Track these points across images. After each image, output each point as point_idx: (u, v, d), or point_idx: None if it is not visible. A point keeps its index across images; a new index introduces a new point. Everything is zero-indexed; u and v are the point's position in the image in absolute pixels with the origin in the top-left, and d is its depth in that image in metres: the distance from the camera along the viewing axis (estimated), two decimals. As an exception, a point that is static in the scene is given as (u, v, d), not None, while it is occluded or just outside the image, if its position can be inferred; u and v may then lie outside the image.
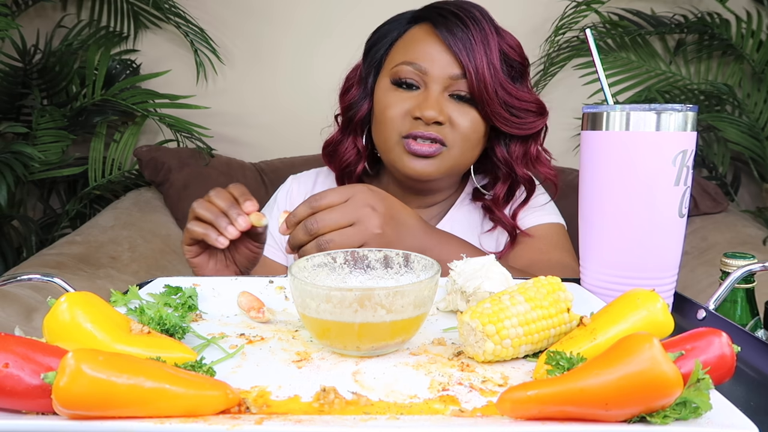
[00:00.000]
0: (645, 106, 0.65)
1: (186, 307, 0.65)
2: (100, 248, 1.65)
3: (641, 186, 0.66)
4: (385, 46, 1.05)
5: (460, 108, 0.98)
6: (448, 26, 0.97)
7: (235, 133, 2.23)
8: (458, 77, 0.97)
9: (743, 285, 0.83)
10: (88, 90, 2.09)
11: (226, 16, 2.19)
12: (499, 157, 1.05)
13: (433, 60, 0.97)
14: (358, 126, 1.08)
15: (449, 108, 0.98)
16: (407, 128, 0.98)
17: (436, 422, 0.44)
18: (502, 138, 1.04)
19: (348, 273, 0.66)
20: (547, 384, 0.42)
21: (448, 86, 0.98)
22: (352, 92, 1.08)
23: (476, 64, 0.95)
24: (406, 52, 1.00)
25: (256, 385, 0.49)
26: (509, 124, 1.00)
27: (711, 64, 2.21)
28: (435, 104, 0.96)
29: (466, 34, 0.96)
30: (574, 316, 0.57)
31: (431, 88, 0.97)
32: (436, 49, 0.97)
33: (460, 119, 0.98)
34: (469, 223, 1.12)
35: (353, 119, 1.07)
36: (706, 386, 0.40)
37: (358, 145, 1.08)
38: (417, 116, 0.96)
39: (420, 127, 0.97)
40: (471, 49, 0.96)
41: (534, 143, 1.05)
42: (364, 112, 1.06)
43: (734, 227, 1.77)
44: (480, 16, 0.98)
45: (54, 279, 0.71)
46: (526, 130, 1.02)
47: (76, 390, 0.39)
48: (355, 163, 1.09)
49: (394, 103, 0.99)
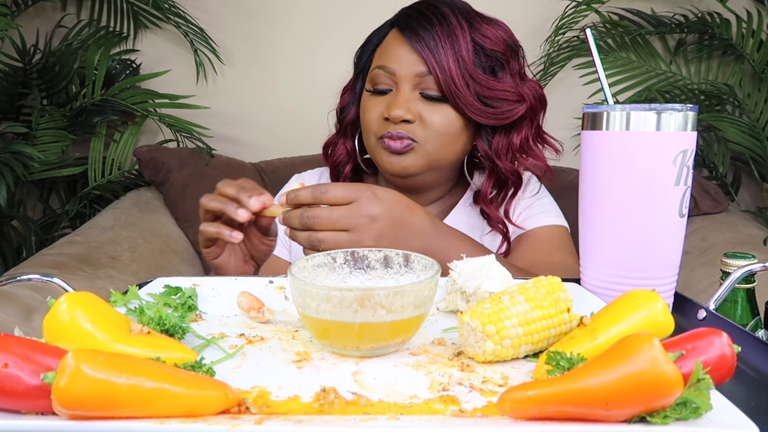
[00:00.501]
0: (645, 106, 0.65)
1: (186, 308, 0.65)
2: (100, 248, 1.65)
3: (641, 186, 0.66)
4: (369, 53, 1.10)
5: (432, 106, 1.00)
6: (411, 26, 1.00)
7: (235, 133, 2.23)
8: (425, 74, 0.98)
9: (743, 285, 0.83)
10: (88, 90, 2.09)
11: (226, 16, 2.19)
12: (481, 152, 1.05)
13: (399, 61, 1.00)
14: (348, 129, 1.12)
15: (419, 106, 1.00)
16: (381, 130, 1.02)
17: (436, 422, 0.44)
18: (484, 132, 1.04)
19: (348, 273, 0.66)
20: (547, 384, 0.42)
21: (417, 84, 1.00)
22: (344, 96, 1.14)
23: (441, 60, 0.97)
24: (380, 56, 1.05)
25: (255, 386, 0.49)
26: (485, 115, 1.00)
27: (711, 64, 2.21)
28: (402, 103, 0.98)
29: (429, 31, 0.98)
30: (574, 316, 0.56)
31: (401, 88, 1.00)
32: (402, 50, 1.00)
33: (430, 116, 0.99)
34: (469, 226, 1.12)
35: (344, 121, 1.13)
36: (707, 386, 0.40)
37: (347, 146, 1.13)
38: (386, 117, 1.00)
39: (390, 127, 1.00)
40: (434, 46, 0.97)
41: (517, 134, 1.04)
42: (353, 116, 1.11)
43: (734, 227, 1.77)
44: (448, 11, 1.00)
45: (54, 279, 0.71)
46: (503, 119, 1.01)
47: (75, 390, 0.39)
48: (345, 163, 1.13)
49: (371, 107, 1.03)
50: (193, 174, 1.93)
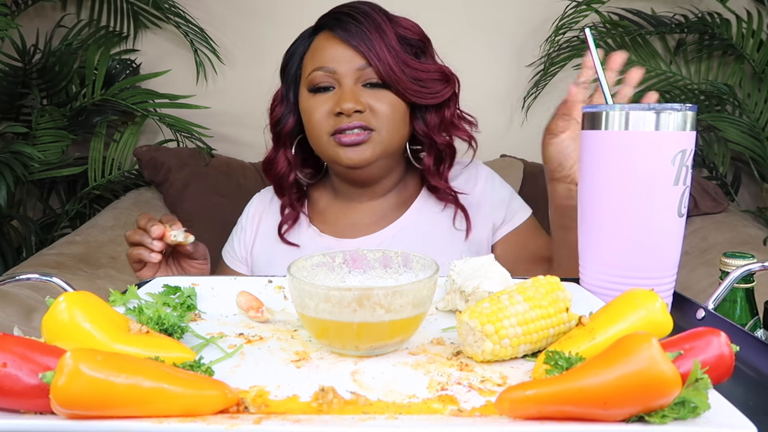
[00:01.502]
0: (644, 106, 0.65)
1: (185, 307, 0.65)
2: (100, 248, 1.65)
3: (640, 186, 0.66)
4: (297, 62, 1.15)
5: (375, 93, 1.05)
6: (343, 26, 1.06)
7: (235, 133, 2.23)
8: (364, 67, 1.04)
9: (743, 285, 0.83)
10: (88, 90, 2.09)
11: (227, 16, 2.19)
12: (419, 131, 1.12)
13: (338, 59, 1.05)
14: (287, 139, 1.16)
15: (365, 96, 1.05)
16: (332, 125, 1.05)
17: (434, 422, 0.44)
18: (418, 113, 1.11)
19: (347, 272, 0.66)
20: (545, 384, 0.42)
21: (359, 77, 1.05)
22: (277, 110, 1.18)
23: (377, 51, 1.04)
24: (314, 60, 1.09)
25: (254, 385, 0.49)
26: (422, 96, 1.07)
27: (711, 64, 2.20)
28: (351, 96, 1.03)
29: (360, 28, 1.05)
30: (573, 315, 0.57)
31: (344, 83, 1.05)
32: (338, 50, 1.06)
33: (377, 104, 1.05)
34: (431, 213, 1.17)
35: (282, 133, 1.16)
36: (705, 386, 0.40)
37: (288, 156, 1.16)
38: (338, 111, 1.03)
39: (343, 120, 1.04)
40: (368, 40, 1.04)
41: (447, 110, 1.12)
42: (291, 124, 1.15)
43: (734, 227, 1.77)
44: (370, 9, 1.07)
45: (53, 279, 0.71)
46: (438, 98, 1.09)
47: (74, 390, 0.39)
48: (287, 173, 1.16)
49: (316, 107, 1.07)
50: (193, 174, 1.93)
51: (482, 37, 2.18)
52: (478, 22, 2.14)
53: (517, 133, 2.19)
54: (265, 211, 1.23)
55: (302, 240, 1.15)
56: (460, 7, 2.12)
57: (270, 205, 1.23)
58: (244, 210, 1.27)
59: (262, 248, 1.19)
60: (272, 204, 1.23)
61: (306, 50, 1.13)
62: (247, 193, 1.29)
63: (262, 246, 1.20)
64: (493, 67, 2.20)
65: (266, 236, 1.20)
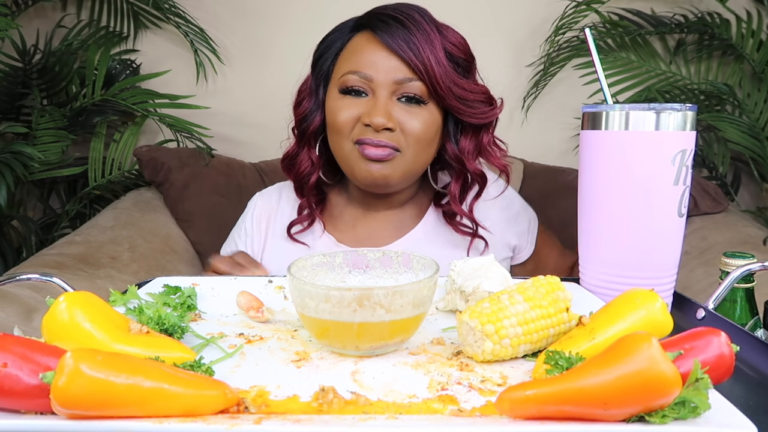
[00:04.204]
0: (644, 106, 0.65)
1: (185, 307, 0.65)
2: (100, 248, 1.65)
3: (640, 185, 0.66)
4: (331, 57, 1.06)
5: (410, 110, 0.98)
6: (389, 30, 0.97)
7: (235, 133, 2.22)
8: (405, 80, 0.97)
9: (743, 284, 0.83)
10: (88, 90, 2.09)
11: (226, 16, 2.19)
12: (451, 154, 1.05)
13: (377, 67, 0.97)
14: (312, 137, 1.08)
15: (398, 112, 0.98)
16: (358, 134, 0.98)
17: (434, 422, 0.44)
18: (452, 135, 1.05)
19: (347, 272, 0.66)
20: (545, 384, 0.42)
21: (395, 90, 0.97)
22: (304, 104, 1.08)
23: (425, 63, 0.95)
24: (350, 61, 1.00)
25: (255, 385, 0.49)
26: (466, 114, 1.01)
27: (711, 64, 2.20)
28: (383, 111, 0.96)
29: (409, 35, 0.96)
30: (573, 315, 0.57)
31: (379, 95, 0.97)
32: (379, 55, 0.97)
33: (410, 123, 0.98)
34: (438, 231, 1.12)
35: (306, 131, 1.08)
36: (705, 386, 0.40)
37: (312, 156, 1.08)
38: (366, 123, 0.96)
39: (369, 133, 0.97)
40: (417, 50, 0.95)
41: (485, 134, 1.05)
42: (317, 123, 1.06)
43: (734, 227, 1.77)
44: (419, 17, 0.98)
45: (53, 279, 0.71)
46: (481, 119, 1.02)
47: (74, 390, 0.39)
48: (309, 174, 1.09)
49: (344, 109, 0.99)
50: (193, 174, 1.93)
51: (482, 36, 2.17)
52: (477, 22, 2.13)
53: (516, 133, 2.19)
54: (272, 214, 1.17)
55: (316, 247, 1.11)
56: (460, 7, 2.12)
57: (278, 207, 1.18)
58: (247, 213, 1.20)
59: (274, 253, 1.14)
60: (280, 205, 1.17)
61: (343, 47, 1.05)
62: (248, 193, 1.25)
63: (273, 250, 1.14)
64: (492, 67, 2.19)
65: (277, 239, 1.14)
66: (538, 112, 2.16)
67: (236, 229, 1.20)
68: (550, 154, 2.09)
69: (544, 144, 2.18)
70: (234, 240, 1.19)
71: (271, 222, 1.16)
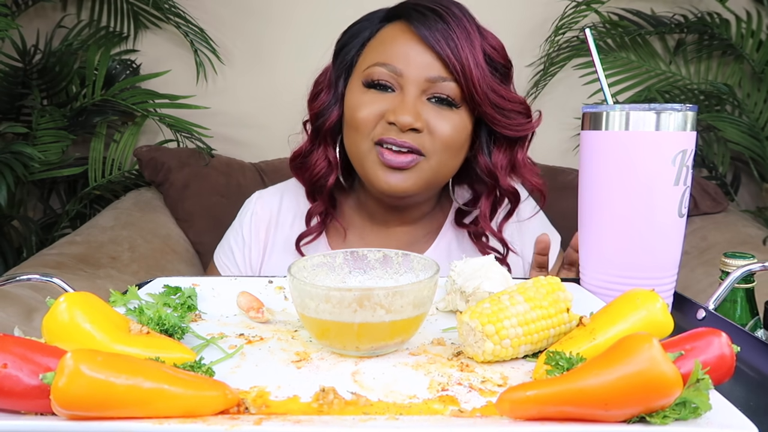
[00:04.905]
0: (645, 106, 0.65)
1: (185, 308, 0.65)
2: (100, 248, 1.64)
3: (641, 186, 0.66)
4: (357, 47, 0.96)
5: (440, 112, 0.89)
6: (426, 23, 0.87)
7: (235, 133, 2.22)
8: (437, 79, 0.88)
9: (743, 285, 0.83)
10: (88, 90, 2.09)
11: (226, 16, 2.19)
12: (483, 168, 0.95)
13: (409, 60, 0.88)
14: (329, 135, 0.98)
15: (427, 113, 0.89)
16: (380, 133, 0.89)
17: (435, 422, 0.44)
18: (485, 145, 0.95)
19: (347, 273, 0.66)
20: (546, 384, 0.42)
21: (426, 89, 0.89)
22: (322, 97, 0.98)
23: (463, 63, 0.86)
24: (379, 52, 0.91)
25: (255, 386, 0.49)
26: (501, 125, 0.92)
27: (711, 64, 2.20)
28: (411, 109, 0.87)
29: (448, 31, 0.87)
30: (573, 316, 0.56)
31: (407, 91, 0.88)
32: (413, 49, 0.88)
33: (439, 125, 0.89)
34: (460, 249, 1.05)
35: (323, 127, 0.97)
36: (706, 386, 0.40)
37: (329, 156, 0.98)
38: (391, 121, 0.87)
39: (393, 133, 0.88)
40: (455, 47, 0.87)
41: (520, 149, 0.97)
42: (335, 119, 0.96)
43: (734, 227, 1.77)
44: (460, 13, 0.90)
45: (53, 279, 0.71)
46: (516, 131, 0.94)
47: (74, 390, 0.39)
48: (326, 175, 0.98)
49: (366, 104, 0.90)
50: (193, 174, 1.93)
51: (482, 37, 2.18)
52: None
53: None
54: (272, 223, 1.06)
55: None
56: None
57: (279, 214, 1.07)
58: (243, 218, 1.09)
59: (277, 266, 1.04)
60: (281, 212, 1.07)
61: (371, 36, 0.95)
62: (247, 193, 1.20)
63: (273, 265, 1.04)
64: (493, 67, 2.19)
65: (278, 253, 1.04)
66: (538, 112, 2.16)
67: (232, 232, 1.10)
68: (550, 154, 2.09)
69: (544, 144, 2.18)
70: (230, 246, 1.09)
71: (270, 232, 1.06)
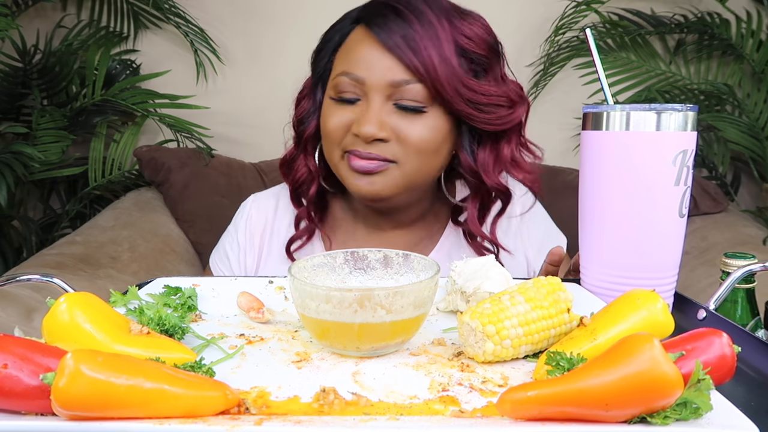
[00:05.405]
0: (645, 106, 0.65)
1: (185, 308, 0.65)
2: (100, 248, 1.64)
3: (641, 186, 0.66)
4: (329, 53, 0.93)
5: (408, 117, 0.86)
6: (384, 25, 0.84)
7: (235, 133, 2.23)
8: (401, 83, 0.84)
9: (743, 285, 0.83)
10: (88, 90, 2.09)
11: (226, 16, 2.19)
12: (465, 167, 0.91)
13: (370, 67, 0.84)
14: (309, 142, 0.96)
15: (395, 120, 0.85)
16: (348, 144, 0.88)
17: (435, 423, 0.44)
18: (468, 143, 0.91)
19: (348, 273, 0.66)
20: (547, 384, 0.42)
21: (392, 94, 0.85)
22: (303, 104, 0.97)
23: (426, 62, 0.82)
24: (344, 60, 0.88)
25: (255, 386, 0.49)
26: (479, 120, 0.88)
27: (711, 64, 2.20)
28: (374, 119, 0.84)
29: (408, 29, 0.83)
30: (574, 316, 0.56)
31: (372, 99, 0.85)
32: (374, 54, 0.84)
33: (409, 131, 0.85)
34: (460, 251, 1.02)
35: (303, 134, 0.96)
36: (707, 387, 0.40)
37: (309, 164, 0.97)
38: (356, 133, 0.86)
39: (359, 144, 0.86)
40: (416, 47, 0.82)
41: (507, 143, 0.91)
42: (313, 128, 0.95)
43: (734, 227, 1.77)
44: (425, 6, 0.85)
45: (53, 279, 0.71)
46: (497, 125, 0.88)
47: (75, 391, 0.39)
48: (308, 183, 0.97)
49: (333, 115, 0.88)
50: (193, 174, 1.93)
51: (482, 37, 2.18)
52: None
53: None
54: (268, 228, 1.05)
55: None
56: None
57: (275, 218, 1.05)
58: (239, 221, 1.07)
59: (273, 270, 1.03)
60: (277, 216, 1.05)
61: (341, 42, 0.91)
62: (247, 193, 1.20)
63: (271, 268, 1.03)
64: (493, 67, 2.19)
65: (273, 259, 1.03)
66: (538, 112, 2.16)
67: (227, 237, 1.08)
68: (550, 154, 2.08)
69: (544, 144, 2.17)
70: (225, 251, 1.07)
71: (266, 237, 1.05)
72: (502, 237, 1.00)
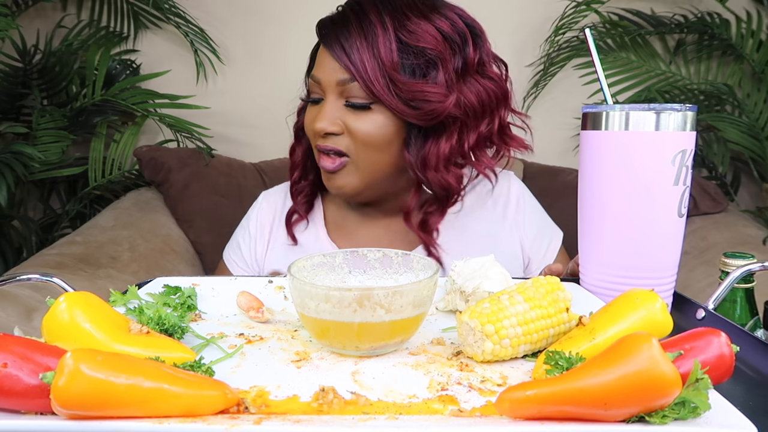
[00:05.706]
0: (644, 106, 0.65)
1: (185, 307, 0.65)
2: (100, 248, 1.65)
3: (641, 186, 0.66)
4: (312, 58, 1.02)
5: (357, 114, 0.92)
6: (332, 27, 0.92)
7: (235, 133, 2.23)
8: (345, 81, 0.90)
9: (743, 285, 0.83)
10: (88, 90, 2.09)
11: (226, 16, 2.19)
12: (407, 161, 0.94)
13: (323, 68, 0.93)
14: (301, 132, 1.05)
15: (346, 116, 0.92)
16: (316, 141, 0.96)
17: (434, 422, 0.44)
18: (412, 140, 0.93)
19: (347, 272, 0.66)
20: (546, 384, 0.42)
21: (341, 93, 0.92)
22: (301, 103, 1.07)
23: (356, 63, 0.88)
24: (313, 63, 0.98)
25: (255, 385, 0.49)
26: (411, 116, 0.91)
27: (711, 64, 2.20)
28: (326, 115, 0.92)
29: (346, 33, 0.89)
30: (573, 315, 0.57)
31: (327, 98, 0.93)
32: (325, 56, 0.93)
33: (357, 126, 0.91)
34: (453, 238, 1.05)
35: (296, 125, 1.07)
36: (705, 386, 0.40)
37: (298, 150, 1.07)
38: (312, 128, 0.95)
39: (319, 139, 0.94)
40: (349, 48, 0.89)
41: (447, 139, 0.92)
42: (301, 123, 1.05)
43: (734, 227, 1.77)
44: (370, 7, 0.90)
45: (53, 279, 0.71)
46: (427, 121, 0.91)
47: (74, 390, 0.39)
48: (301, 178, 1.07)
49: (306, 114, 0.98)
50: (193, 174, 1.93)
51: (482, 37, 2.18)
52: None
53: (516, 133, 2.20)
54: (276, 219, 1.12)
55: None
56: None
57: (283, 210, 1.12)
58: (251, 213, 1.15)
59: (277, 260, 1.09)
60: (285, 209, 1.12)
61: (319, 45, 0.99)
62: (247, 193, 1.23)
63: (276, 257, 1.09)
64: (492, 67, 2.20)
65: (280, 246, 1.09)
66: (538, 112, 2.16)
67: (240, 230, 1.16)
68: (550, 154, 2.09)
69: (544, 144, 2.18)
70: (238, 242, 1.15)
71: (274, 227, 1.12)
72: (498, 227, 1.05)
